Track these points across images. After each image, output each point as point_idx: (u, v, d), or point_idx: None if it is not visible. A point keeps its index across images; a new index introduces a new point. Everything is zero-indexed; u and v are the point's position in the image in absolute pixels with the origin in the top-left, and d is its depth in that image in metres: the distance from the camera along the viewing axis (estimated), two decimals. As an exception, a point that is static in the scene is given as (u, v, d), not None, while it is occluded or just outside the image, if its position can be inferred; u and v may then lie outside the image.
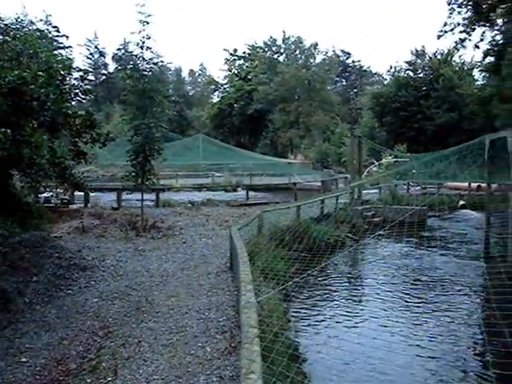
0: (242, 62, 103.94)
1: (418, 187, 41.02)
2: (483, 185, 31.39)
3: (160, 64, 20.78)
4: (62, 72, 15.82)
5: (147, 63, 19.46)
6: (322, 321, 12.37)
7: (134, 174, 19.46)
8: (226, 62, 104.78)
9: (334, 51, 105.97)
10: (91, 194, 26.92)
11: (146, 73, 19.43)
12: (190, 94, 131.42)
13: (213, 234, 19.60)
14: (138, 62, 19.43)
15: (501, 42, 39.79)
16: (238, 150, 59.80)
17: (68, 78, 16.84)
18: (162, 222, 21.16)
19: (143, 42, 19.11)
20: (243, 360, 5.17)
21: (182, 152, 48.21)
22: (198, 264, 14.62)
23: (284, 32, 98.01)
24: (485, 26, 41.03)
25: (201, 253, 16.19)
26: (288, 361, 7.19)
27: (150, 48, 19.29)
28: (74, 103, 17.60)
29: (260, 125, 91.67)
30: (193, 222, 22.17)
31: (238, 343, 8.29)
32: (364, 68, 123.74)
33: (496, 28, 41.45)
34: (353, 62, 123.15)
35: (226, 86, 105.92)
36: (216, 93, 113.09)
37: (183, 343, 8.47)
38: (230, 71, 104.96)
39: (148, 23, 18.85)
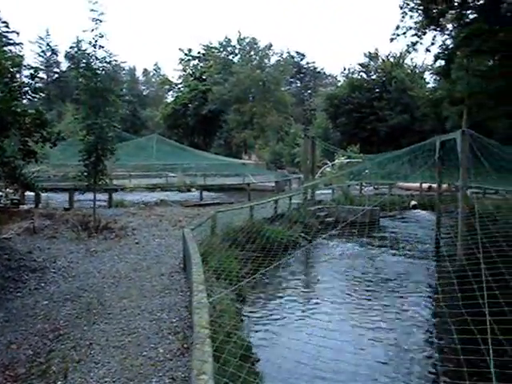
0: (196, 62, 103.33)
1: (371, 187, 41.58)
2: (434, 185, 32.05)
3: (113, 63, 20.53)
4: (12, 69, 15.46)
5: (100, 62, 19.18)
6: (275, 320, 12.40)
7: (86, 173, 19.15)
8: (180, 62, 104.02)
9: (288, 52, 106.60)
10: (42, 195, 26.34)
11: (98, 72, 19.15)
12: (144, 93, 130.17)
13: (166, 234, 19.44)
14: (91, 60, 19.13)
15: (451, 46, 40.63)
16: (192, 150, 59.39)
17: (18, 76, 16.46)
18: (115, 223, 20.89)
19: (96, 41, 18.82)
20: (194, 361, 5.14)
21: (135, 152, 47.58)
22: (151, 265, 14.48)
23: (239, 32, 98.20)
24: (435, 30, 41.83)
25: (154, 253, 16.04)
26: (240, 361, 7.17)
27: (103, 47, 19.02)
28: (24, 101, 17.22)
29: (214, 125, 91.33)
30: (146, 222, 21.95)
31: (190, 344, 8.24)
32: (318, 69, 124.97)
33: (446, 33, 42.33)
34: (307, 63, 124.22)
35: (180, 86, 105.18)
36: (170, 93, 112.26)
37: (135, 345, 8.39)
38: (185, 71, 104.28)
39: (101, 21, 18.59)
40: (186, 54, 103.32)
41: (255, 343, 10.20)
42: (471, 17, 38.51)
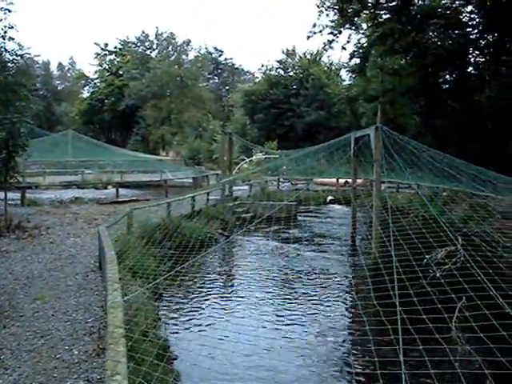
0: (113, 56, 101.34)
1: (288, 183, 42.07)
2: (350, 180, 32.76)
3: (25, 56, 19.84)
4: None
5: (10, 54, 18.51)
6: (192, 317, 12.32)
7: (-4, 171, 18.48)
8: (96, 57, 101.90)
9: (206, 48, 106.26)
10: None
11: (9, 65, 18.45)
12: (59, 88, 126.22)
13: (81, 232, 19.02)
14: (0, 52, 18.42)
15: (365, 45, 41.56)
16: (108, 146, 58.38)
17: None
18: (28, 222, 20.27)
19: (5, 32, 18.12)
20: (108, 361, 5.04)
21: (49, 148, 46.27)
22: (66, 264, 14.11)
23: (157, 28, 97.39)
24: (351, 29, 42.63)
25: (69, 252, 15.63)
26: (156, 360, 7.08)
27: (13, 38, 18.35)
28: None
29: (131, 121, 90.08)
30: (61, 220, 21.42)
31: (106, 344, 8.09)
32: (236, 66, 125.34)
33: (361, 32, 43.24)
34: (225, 59, 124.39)
35: (96, 81, 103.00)
36: (86, 88, 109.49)
37: (49, 347, 8.13)
38: (101, 66, 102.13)
39: (10, 11, 17.91)
40: (102, 49, 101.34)
41: (172, 341, 10.10)
42: (384, 17, 39.47)
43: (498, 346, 5.26)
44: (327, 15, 42.85)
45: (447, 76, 38.86)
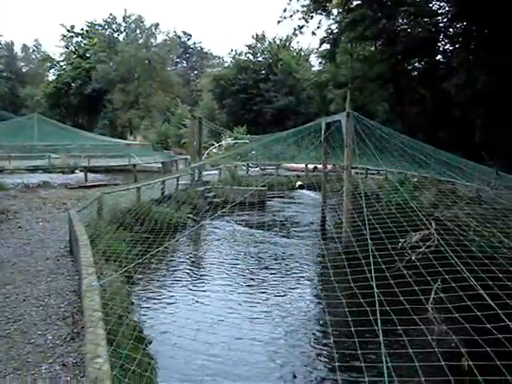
0: (79, 39, 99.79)
1: (258, 168, 42.09)
2: (319, 166, 32.93)
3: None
4: None
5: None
6: (166, 301, 12.37)
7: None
8: (62, 39, 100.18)
9: (175, 32, 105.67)
10: None
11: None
12: (24, 70, 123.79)
13: (50, 217, 18.79)
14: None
15: (336, 31, 41.70)
16: (75, 130, 57.67)
17: None
18: (-6, 207, 19.97)
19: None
20: (88, 345, 5.03)
21: (14, 132, 45.58)
22: (36, 249, 13.93)
23: (125, 10, 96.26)
24: (322, 14, 42.70)
25: (38, 237, 15.43)
26: (134, 343, 7.09)
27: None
28: None
29: (98, 105, 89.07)
30: (28, 205, 21.12)
31: (81, 328, 8.04)
32: (205, 50, 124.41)
33: (332, 17, 43.34)
34: (194, 43, 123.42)
35: (62, 64, 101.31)
36: (52, 70, 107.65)
37: (22, 332, 8.04)
38: (67, 48, 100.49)
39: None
40: (68, 31, 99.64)
41: (147, 325, 10.12)
42: (356, 3, 39.63)
43: (473, 325, 5.42)
44: (298, 0, 42.82)
45: (416, 64, 39.25)
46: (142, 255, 11.53)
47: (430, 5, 36.75)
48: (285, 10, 43.51)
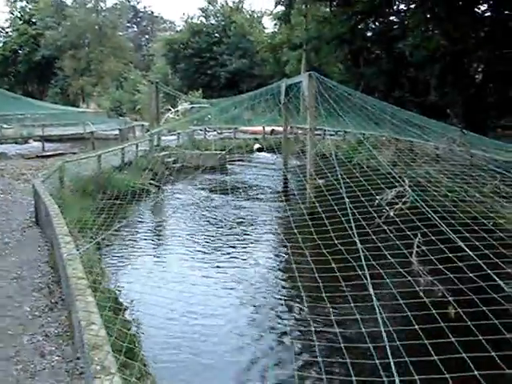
0: (24, 3, 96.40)
1: (215, 132, 41.97)
2: (277, 128, 33.03)
3: None
4: None
5: None
6: (134, 268, 12.43)
7: None
8: (6, 4, 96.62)
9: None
10: None
11: None
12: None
13: (10, 188, 18.48)
14: None
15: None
16: (27, 99, 56.16)
17: None
18: None
19: None
20: (80, 312, 5.04)
21: (-39, 103, 44.15)
22: (0, 221, 13.74)
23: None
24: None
25: (1, 210, 15.19)
26: (112, 311, 7.13)
27: None
28: None
29: (49, 72, 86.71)
30: (-15, 177, 20.73)
31: (58, 299, 8.04)
32: (155, 14, 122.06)
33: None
34: (144, 7, 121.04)
35: (8, 30, 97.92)
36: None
37: (-3, 306, 7.99)
38: (12, 14, 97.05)
39: None
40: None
41: (121, 292, 10.18)
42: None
43: (457, 275, 5.65)
44: (251, -41, 42.34)
45: (371, 24, 39.32)
46: (108, 223, 11.51)
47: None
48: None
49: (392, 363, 3.92)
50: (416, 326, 4.76)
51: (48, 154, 29.71)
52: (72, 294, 5.74)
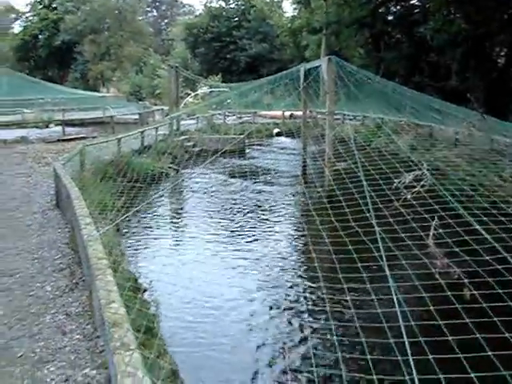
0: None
1: (234, 117, 41.99)
2: (296, 113, 32.94)
3: None
4: None
5: None
6: (154, 251, 12.55)
7: None
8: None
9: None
10: None
11: None
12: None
13: (32, 172, 18.68)
14: None
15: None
16: (47, 84, 56.50)
17: None
18: (-27, 163, 19.78)
19: None
20: (100, 291, 5.14)
21: (-19, 87, 44.60)
22: (21, 204, 13.89)
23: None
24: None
25: (22, 192, 15.36)
26: (132, 291, 7.24)
27: None
28: None
29: (69, 57, 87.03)
30: (7, 160, 20.95)
31: (79, 279, 8.17)
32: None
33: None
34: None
35: (28, 15, 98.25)
36: (18, 22, 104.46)
37: (20, 285, 8.12)
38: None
39: None
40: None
41: (140, 274, 10.31)
42: None
43: (473, 258, 5.67)
44: None
45: (392, 7, 38.90)
46: (128, 206, 11.62)
47: None
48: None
49: (406, 343, 3.96)
50: (431, 307, 4.79)
51: (68, 137, 29.91)
52: (92, 274, 5.84)
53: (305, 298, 9.65)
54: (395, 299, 4.51)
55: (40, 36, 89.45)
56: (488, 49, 30.56)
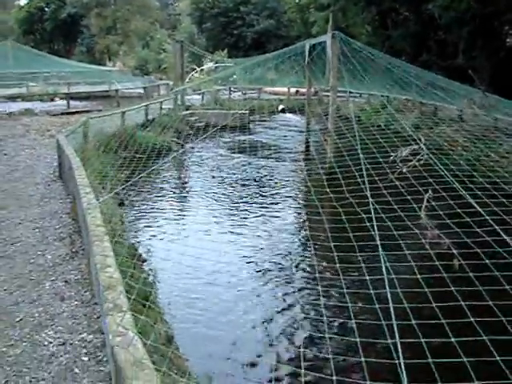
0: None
1: (239, 92, 41.91)
2: (302, 89, 32.83)
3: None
4: None
5: None
6: (156, 223, 12.66)
7: None
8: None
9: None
10: None
11: None
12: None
13: (36, 144, 18.79)
14: None
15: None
16: (52, 57, 56.32)
17: None
18: (-23, 135, 19.85)
19: None
20: (97, 256, 5.24)
21: (-14, 60, 44.51)
22: (25, 175, 14.00)
23: None
24: None
25: (25, 164, 15.47)
26: (131, 260, 7.33)
27: None
28: None
29: (75, 31, 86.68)
30: (12, 132, 21.02)
31: (79, 248, 8.28)
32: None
33: None
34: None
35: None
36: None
37: (21, 253, 8.23)
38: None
39: None
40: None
41: (141, 244, 10.43)
42: None
43: (464, 230, 5.76)
44: None
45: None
46: (130, 178, 11.70)
47: None
48: None
49: (391, 308, 4.04)
50: (418, 276, 4.87)
51: (73, 111, 29.97)
52: (90, 240, 5.93)
53: (297, 266, 9.86)
54: (383, 267, 4.59)
55: (46, 9, 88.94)
56: (496, 28, 30.30)
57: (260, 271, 9.56)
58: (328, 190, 7.33)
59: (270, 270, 9.65)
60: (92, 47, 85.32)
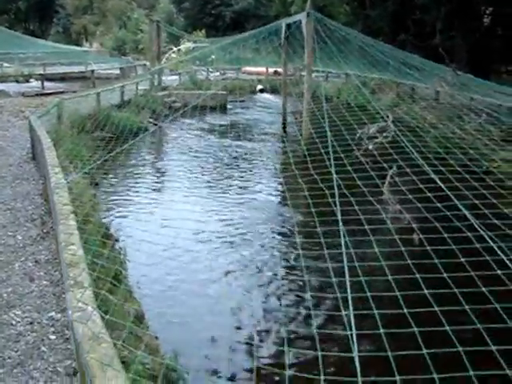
0: None
1: (217, 73, 41.73)
2: (280, 70, 32.77)
3: None
4: None
5: None
6: (130, 203, 12.63)
7: None
8: None
9: None
10: None
11: None
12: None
13: (9, 125, 18.55)
14: None
15: None
16: (27, 37, 55.41)
17: None
18: (-51, 116, 19.57)
19: None
20: (61, 235, 5.24)
21: (-43, 40, 43.61)
22: (-3, 156, 13.88)
23: None
24: None
25: (-2, 146, 15.32)
26: (102, 239, 7.31)
27: None
28: None
29: (50, 10, 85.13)
30: (-15, 114, 20.77)
31: (50, 228, 8.24)
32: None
33: None
34: None
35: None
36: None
37: (-9, 234, 8.19)
38: None
39: None
40: None
41: (113, 224, 10.40)
42: None
43: (425, 205, 5.84)
44: None
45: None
46: (104, 158, 11.64)
47: None
48: None
49: (347, 281, 4.10)
50: (376, 249, 4.94)
51: (48, 92, 29.59)
52: (56, 219, 5.92)
53: (263, 245, 9.97)
54: (342, 242, 4.65)
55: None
56: (473, 7, 30.39)
57: (232, 247, 9.63)
58: (295, 167, 7.40)
59: (239, 245, 9.73)
60: (68, 27, 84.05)
